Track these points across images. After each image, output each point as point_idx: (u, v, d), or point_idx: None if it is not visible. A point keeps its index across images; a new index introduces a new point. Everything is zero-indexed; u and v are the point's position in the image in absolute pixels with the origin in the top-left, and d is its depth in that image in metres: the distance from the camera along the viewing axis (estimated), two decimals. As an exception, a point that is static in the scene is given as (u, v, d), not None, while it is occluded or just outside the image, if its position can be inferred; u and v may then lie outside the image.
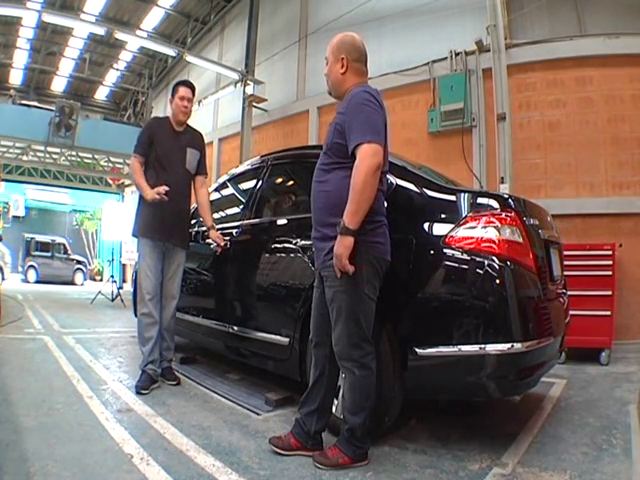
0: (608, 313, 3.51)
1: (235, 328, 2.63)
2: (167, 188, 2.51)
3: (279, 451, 1.76)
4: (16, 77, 13.02)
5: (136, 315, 2.80)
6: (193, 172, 2.80)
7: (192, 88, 2.83)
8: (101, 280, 14.18)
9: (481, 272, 1.71)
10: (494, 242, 1.73)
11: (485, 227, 1.75)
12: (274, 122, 7.96)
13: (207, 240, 2.92)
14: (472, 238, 1.75)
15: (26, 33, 10.95)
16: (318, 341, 1.80)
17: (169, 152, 2.65)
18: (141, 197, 2.72)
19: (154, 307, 2.59)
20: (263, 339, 2.41)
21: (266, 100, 7.90)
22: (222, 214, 3.17)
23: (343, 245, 1.58)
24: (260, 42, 8.16)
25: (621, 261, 3.87)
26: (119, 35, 7.75)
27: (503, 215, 1.77)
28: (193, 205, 3.07)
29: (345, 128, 1.66)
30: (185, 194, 2.76)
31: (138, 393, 2.42)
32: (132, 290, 3.65)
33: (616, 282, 3.59)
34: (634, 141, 4.35)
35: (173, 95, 2.76)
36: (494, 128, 4.85)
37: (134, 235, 2.70)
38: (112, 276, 7.85)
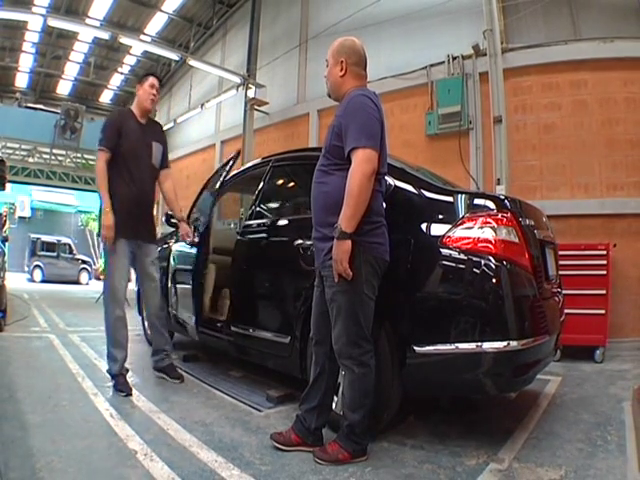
0: (602, 312, 3.55)
1: (237, 327, 2.66)
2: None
3: (280, 447, 1.79)
4: (22, 80, 13.03)
5: (140, 314, 2.81)
6: (158, 167, 2.75)
7: (160, 80, 2.84)
8: (105, 279, 14.18)
9: (478, 271, 1.75)
10: (490, 242, 1.76)
11: (482, 227, 1.79)
12: (275, 125, 8.01)
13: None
14: (469, 238, 1.79)
15: (32, 37, 10.99)
16: (318, 339, 1.84)
17: (136, 147, 2.58)
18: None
19: (124, 308, 2.57)
20: (265, 338, 2.44)
21: (267, 103, 7.96)
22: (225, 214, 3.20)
23: (341, 249, 1.61)
24: (261, 46, 8.23)
25: (615, 261, 3.91)
26: (123, 39, 7.82)
27: (499, 216, 1.81)
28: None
29: (342, 131, 1.70)
30: (151, 190, 2.71)
31: (127, 395, 2.37)
32: (136, 289, 3.67)
33: (610, 281, 3.64)
34: (628, 143, 4.40)
35: (142, 83, 2.69)
36: (490, 131, 4.91)
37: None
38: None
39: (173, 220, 2.91)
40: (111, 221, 2.44)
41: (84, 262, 14.25)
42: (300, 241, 2.27)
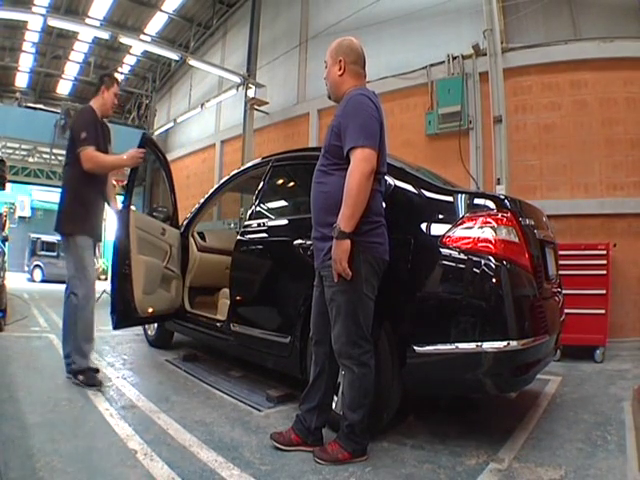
0: (602, 311, 3.55)
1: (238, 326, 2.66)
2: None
3: (280, 446, 1.79)
4: (22, 80, 13.07)
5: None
6: None
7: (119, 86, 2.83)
8: (105, 279, 14.22)
9: (478, 271, 1.75)
10: (490, 242, 1.76)
11: (482, 227, 1.79)
12: (275, 125, 8.02)
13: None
14: (469, 238, 1.79)
15: (32, 37, 11.00)
16: (318, 339, 1.84)
17: (103, 148, 2.58)
18: (66, 192, 2.57)
19: None
20: (265, 337, 2.44)
21: (267, 103, 7.97)
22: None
23: (340, 249, 1.61)
24: (261, 46, 8.24)
25: (615, 260, 3.92)
26: (123, 39, 7.84)
27: (499, 215, 1.81)
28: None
29: (341, 131, 1.70)
30: (105, 191, 2.72)
31: (98, 387, 2.40)
32: None
33: (610, 281, 3.64)
34: (628, 143, 4.41)
35: (108, 87, 2.62)
36: (490, 130, 4.92)
37: (70, 233, 2.52)
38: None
39: (155, 213, 3.06)
40: (137, 154, 2.54)
41: (84, 262, 14.35)
42: (300, 241, 2.28)
